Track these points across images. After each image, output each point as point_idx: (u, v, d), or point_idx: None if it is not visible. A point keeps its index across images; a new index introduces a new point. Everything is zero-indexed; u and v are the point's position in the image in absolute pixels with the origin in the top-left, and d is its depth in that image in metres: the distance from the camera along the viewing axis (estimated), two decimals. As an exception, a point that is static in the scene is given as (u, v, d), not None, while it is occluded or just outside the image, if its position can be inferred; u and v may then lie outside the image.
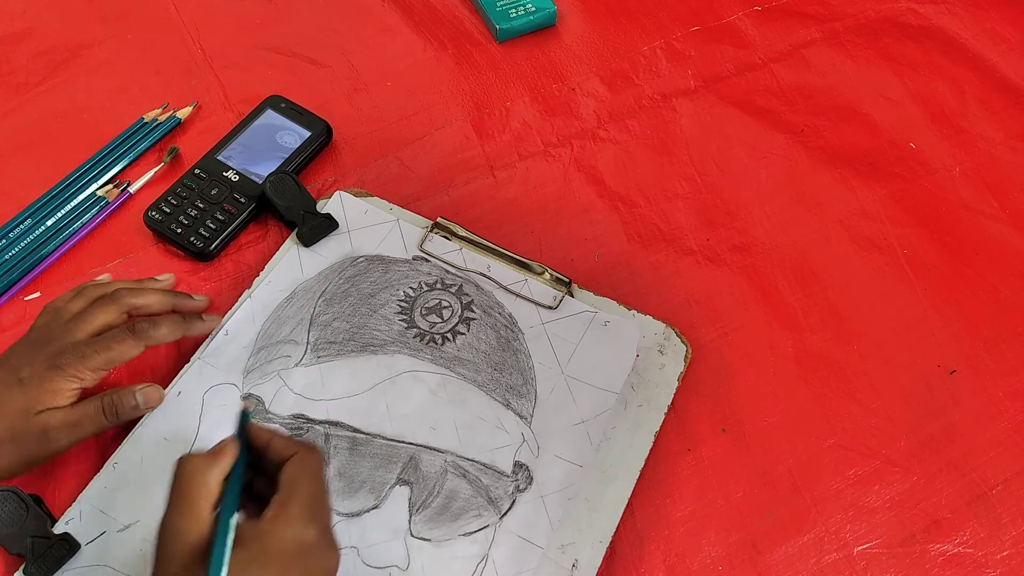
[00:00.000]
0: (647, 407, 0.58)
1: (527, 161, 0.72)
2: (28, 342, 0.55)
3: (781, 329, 0.63)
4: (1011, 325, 0.63)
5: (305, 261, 0.64)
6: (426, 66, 0.77)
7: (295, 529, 0.42)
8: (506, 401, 0.58)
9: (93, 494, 0.55)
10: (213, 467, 0.44)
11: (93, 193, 0.69)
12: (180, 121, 0.73)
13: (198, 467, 0.43)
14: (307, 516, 0.42)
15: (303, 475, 0.44)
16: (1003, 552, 0.55)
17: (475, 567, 0.53)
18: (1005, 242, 0.67)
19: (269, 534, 0.41)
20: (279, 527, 0.42)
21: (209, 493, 0.43)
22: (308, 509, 0.43)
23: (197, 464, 0.44)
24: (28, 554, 0.52)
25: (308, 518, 0.42)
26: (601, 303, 0.63)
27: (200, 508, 0.42)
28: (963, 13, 0.79)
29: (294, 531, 0.41)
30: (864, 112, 0.74)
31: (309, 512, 0.43)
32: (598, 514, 0.55)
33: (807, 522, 0.56)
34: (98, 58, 0.78)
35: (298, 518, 0.42)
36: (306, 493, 0.43)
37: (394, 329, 0.61)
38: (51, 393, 0.53)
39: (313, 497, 0.43)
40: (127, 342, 0.55)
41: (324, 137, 0.71)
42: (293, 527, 0.42)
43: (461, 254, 0.65)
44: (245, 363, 0.60)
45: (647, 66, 0.77)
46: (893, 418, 0.59)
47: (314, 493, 0.44)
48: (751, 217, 0.68)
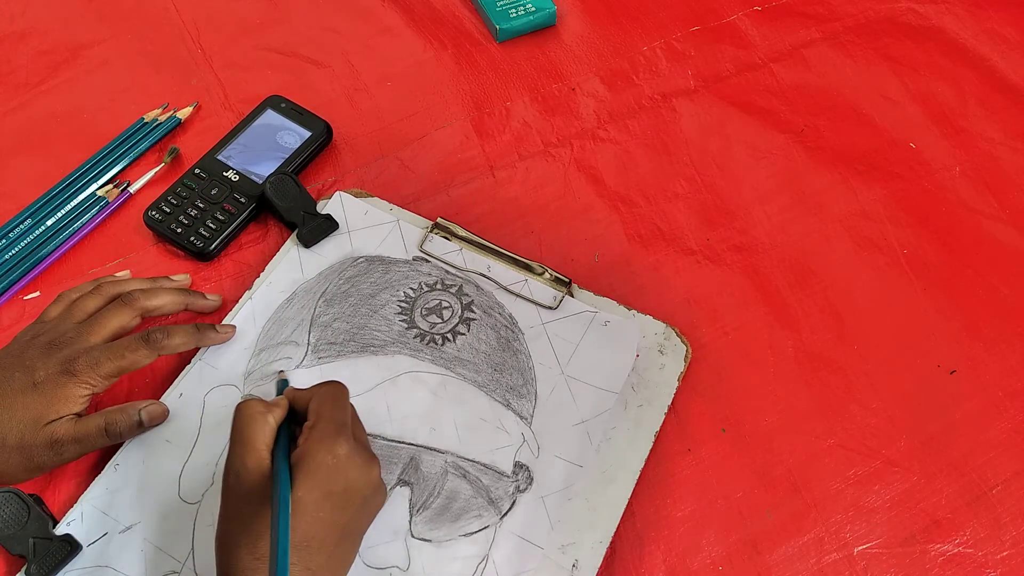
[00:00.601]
0: (647, 407, 0.58)
1: (527, 161, 0.72)
2: (42, 343, 0.55)
3: (781, 329, 0.63)
4: (1011, 325, 0.63)
5: (305, 262, 0.64)
6: (426, 66, 0.77)
7: (326, 444, 0.45)
8: (506, 401, 0.58)
9: (94, 495, 0.55)
10: (269, 413, 0.48)
11: (93, 193, 0.69)
12: (180, 121, 0.73)
13: (258, 410, 0.48)
14: (333, 434, 0.46)
15: (323, 403, 0.48)
16: (1003, 552, 0.55)
17: (475, 567, 0.53)
18: (1005, 242, 0.67)
19: (306, 454, 0.45)
20: (313, 447, 0.45)
21: (266, 434, 0.47)
22: (333, 428, 0.46)
23: (257, 408, 0.48)
24: (30, 555, 0.52)
25: (334, 435, 0.46)
26: (601, 303, 0.63)
27: (260, 448, 0.46)
28: (963, 13, 0.79)
29: (326, 446, 0.45)
30: (864, 112, 0.74)
31: (335, 431, 0.46)
32: (598, 514, 0.55)
33: (807, 522, 0.56)
34: (98, 58, 0.78)
35: (325, 437, 0.46)
36: (328, 416, 0.47)
37: (394, 330, 0.61)
38: (63, 399, 0.53)
39: (337, 418, 0.47)
40: (140, 351, 0.55)
41: (324, 137, 0.71)
42: (324, 443, 0.45)
43: (461, 254, 0.65)
44: (246, 364, 0.60)
45: (647, 66, 0.77)
46: (893, 418, 0.59)
47: (338, 415, 0.47)
48: (751, 217, 0.68)
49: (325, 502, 0.45)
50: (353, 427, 0.48)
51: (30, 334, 0.57)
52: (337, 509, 0.45)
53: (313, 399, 0.48)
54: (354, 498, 0.46)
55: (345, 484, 0.45)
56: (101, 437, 0.54)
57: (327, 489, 0.45)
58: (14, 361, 0.55)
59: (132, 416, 0.55)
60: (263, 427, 0.47)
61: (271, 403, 0.49)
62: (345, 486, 0.45)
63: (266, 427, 0.47)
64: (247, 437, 0.46)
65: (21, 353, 0.55)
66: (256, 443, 0.46)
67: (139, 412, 0.56)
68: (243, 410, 0.48)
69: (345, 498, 0.45)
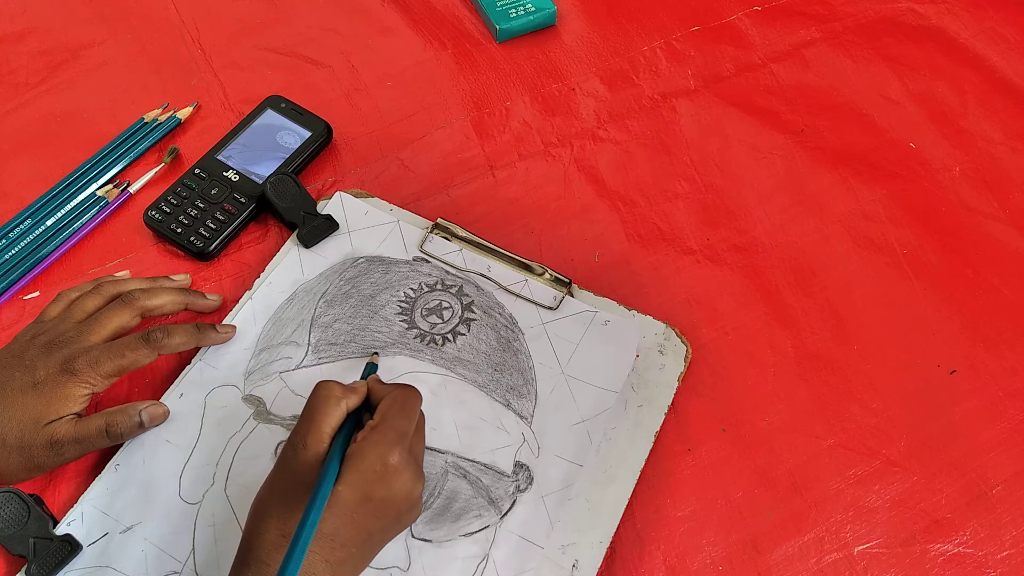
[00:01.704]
0: (647, 407, 0.59)
1: (527, 161, 0.72)
2: (42, 342, 0.55)
3: (781, 329, 0.63)
4: (1011, 325, 0.63)
5: (305, 262, 0.64)
6: (426, 66, 0.77)
7: (380, 450, 0.46)
8: (506, 401, 0.58)
9: (95, 495, 0.55)
10: (343, 399, 0.49)
11: (93, 193, 0.69)
12: (180, 121, 0.73)
13: (335, 394, 0.48)
14: (392, 441, 0.46)
15: (393, 407, 0.48)
16: (1003, 552, 0.55)
17: (476, 567, 0.53)
18: (1005, 242, 0.67)
19: (359, 453, 0.46)
20: (367, 447, 0.46)
21: (334, 418, 0.48)
22: (394, 435, 0.47)
23: (334, 391, 0.49)
24: (30, 555, 0.52)
25: (392, 442, 0.46)
26: (601, 303, 0.63)
27: (324, 427, 0.47)
28: (963, 13, 0.79)
29: (379, 452, 0.46)
30: (864, 112, 0.74)
31: (394, 438, 0.47)
32: (598, 514, 0.55)
33: (807, 522, 0.56)
34: (98, 58, 0.78)
35: (383, 442, 0.46)
36: (391, 422, 0.47)
37: (395, 330, 0.61)
38: (63, 399, 0.53)
39: (399, 427, 0.47)
40: (141, 351, 0.55)
41: (324, 137, 0.71)
42: (378, 448, 0.46)
43: (461, 255, 0.65)
44: (246, 364, 0.60)
45: (647, 66, 0.77)
46: (893, 418, 0.59)
47: (402, 424, 0.48)
48: (751, 217, 0.68)
49: (362, 505, 0.45)
50: (413, 439, 0.48)
51: (30, 334, 0.57)
52: (371, 515, 0.46)
53: (385, 399, 0.49)
54: (390, 510, 0.46)
55: (386, 494, 0.46)
56: (102, 438, 0.54)
57: (368, 493, 0.45)
58: (14, 361, 0.55)
59: (133, 417, 0.55)
60: (334, 411, 0.48)
61: (349, 388, 0.50)
62: (386, 496, 0.46)
63: (336, 412, 0.48)
64: (316, 417, 0.47)
65: (21, 353, 0.55)
66: (322, 425, 0.47)
67: (140, 413, 0.56)
68: (321, 390, 0.49)
69: (382, 507, 0.46)
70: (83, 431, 0.54)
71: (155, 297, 0.59)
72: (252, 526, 0.46)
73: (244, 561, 0.45)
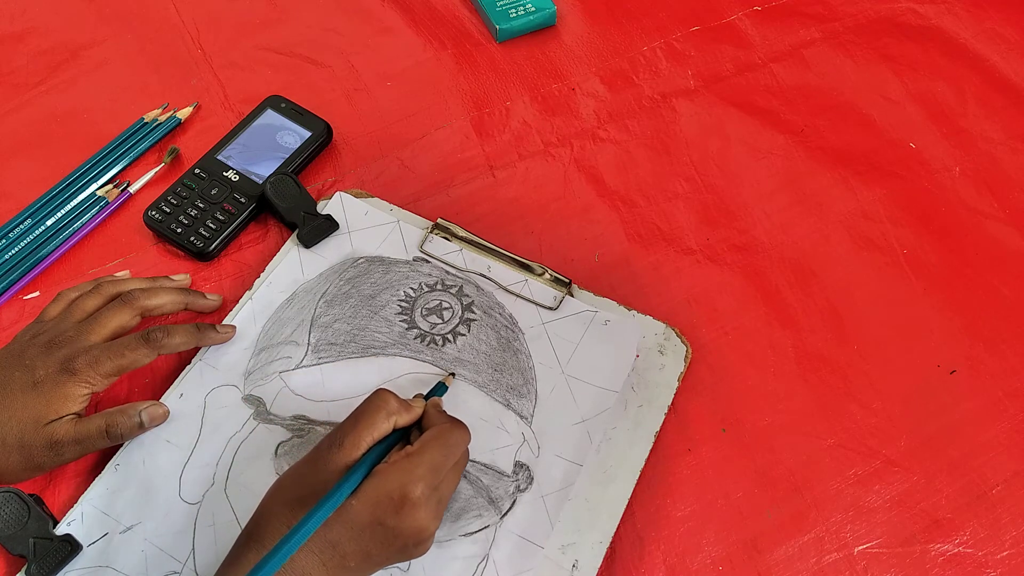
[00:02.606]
0: (647, 407, 0.59)
1: (527, 161, 0.72)
2: (42, 342, 0.55)
3: (781, 329, 0.63)
4: (1011, 325, 0.63)
5: (306, 262, 0.64)
6: (426, 66, 0.77)
7: (405, 479, 0.45)
8: (506, 401, 0.58)
9: (95, 495, 0.55)
10: (394, 415, 0.48)
11: (93, 193, 0.69)
12: (180, 121, 0.73)
13: (387, 406, 0.48)
14: (420, 474, 0.45)
15: (435, 440, 0.47)
16: (1003, 552, 0.55)
17: (475, 567, 0.53)
18: (1005, 242, 0.67)
19: (384, 474, 0.45)
20: (393, 472, 0.45)
21: (377, 431, 0.47)
22: (425, 469, 0.46)
23: (389, 403, 0.48)
24: (30, 555, 0.52)
25: (420, 476, 0.45)
26: (601, 303, 0.63)
27: (364, 436, 0.46)
28: (963, 13, 0.79)
29: (404, 480, 0.45)
30: (864, 112, 0.74)
31: (424, 472, 0.45)
32: (598, 514, 0.55)
33: (807, 522, 0.56)
34: (98, 58, 0.78)
35: (411, 472, 0.45)
36: (429, 455, 0.46)
37: (395, 331, 0.61)
38: (63, 398, 0.53)
39: (434, 461, 0.46)
40: (140, 350, 0.55)
41: (324, 137, 0.71)
42: (404, 477, 0.45)
43: (461, 255, 0.65)
44: (246, 364, 0.60)
45: (647, 66, 0.77)
46: (893, 418, 0.59)
47: (437, 459, 0.47)
48: (751, 217, 0.68)
49: (370, 528, 0.45)
50: (445, 477, 0.48)
51: (30, 333, 0.57)
52: (377, 540, 0.45)
53: (432, 428, 0.48)
54: (397, 541, 0.46)
55: (397, 524, 0.45)
56: (102, 438, 0.54)
57: (379, 518, 0.45)
58: (14, 360, 0.55)
59: (133, 417, 0.55)
60: (380, 423, 0.47)
61: (405, 404, 0.49)
62: (396, 526, 0.45)
63: (382, 425, 0.47)
64: (360, 423, 0.47)
65: (21, 352, 0.55)
66: (364, 433, 0.47)
67: (140, 413, 0.56)
68: (376, 399, 0.48)
69: (390, 536, 0.45)
70: (83, 431, 0.54)
71: (155, 297, 0.59)
72: (266, 505, 0.46)
73: (248, 537, 0.45)
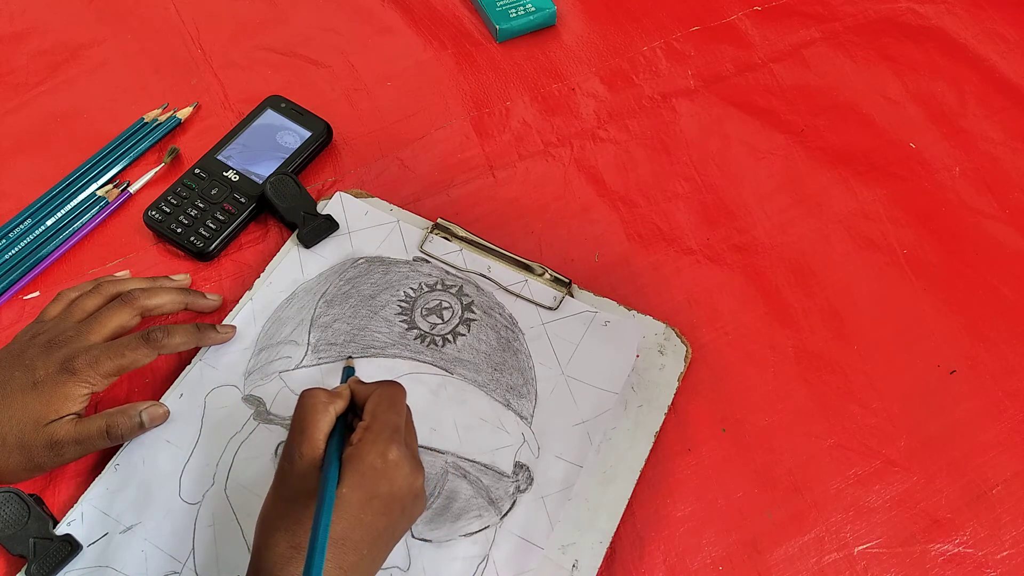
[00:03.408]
0: (647, 407, 0.59)
1: (527, 161, 0.72)
2: (42, 342, 0.55)
3: (781, 329, 0.63)
4: (1011, 325, 0.63)
5: (305, 262, 0.64)
6: (426, 66, 0.77)
7: (378, 448, 0.46)
8: (506, 401, 0.58)
9: (95, 495, 0.55)
10: (331, 404, 0.48)
11: (93, 193, 0.69)
12: (180, 121, 0.73)
13: (322, 400, 0.48)
14: (387, 438, 0.46)
15: (381, 405, 0.48)
16: (1003, 552, 0.55)
17: (476, 567, 0.53)
18: (1005, 242, 0.67)
19: (357, 454, 0.46)
20: (364, 448, 0.46)
21: (325, 424, 0.48)
22: (388, 432, 0.47)
23: (320, 397, 0.48)
24: (30, 555, 0.52)
25: (388, 440, 0.46)
26: (601, 303, 0.63)
27: (316, 435, 0.47)
28: (963, 13, 0.79)
29: (377, 449, 0.46)
30: (864, 112, 0.74)
31: (388, 435, 0.47)
32: (598, 514, 0.55)
33: (807, 522, 0.56)
34: (98, 58, 0.78)
35: (379, 440, 0.46)
36: (384, 420, 0.47)
37: (395, 331, 0.61)
38: (63, 398, 0.53)
39: (391, 422, 0.47)
40: (140, 350, 0.55)
41: (324, 137, 0.71)
42: (376, 447, 0.46)
43: (461, 255, 0.65)
44: (246, 364, 0.60)
45: (647, 66, 0.77)
46: (893, 418, 0.59)
47: (393, 419, 0.48)
48: (751, 217, 0.68)
49: (368, 504, 0.45)
50: (406, 433, 0.49)
51: (30, 333, 0.57)
52: (378, 513, 0.45)
53: (371, 398, 0.49)
54: (395, 505, 0.46)
55: (390, 489, 0.46)
56: (102, 439, 0.54)
57: (372, 492, 0.45)
58: (14, 360, 0.55)
59: (133, 418, 0.55)
60: (324, 417, 0.47)
61: (334, 393, 0.49)
62: (389, 491, 0.46)
63: (326, 417, 0.48)
64: (307, 426, 0.47)
65: (21, 352, 0.55)
66: (314, 433, 0.47)
67: (140, 413, 0.56)
68: (307, 398, 0.48)
69: (387, 503, 0.46)
70: (83, 432, 0.54)
71: (155, 297, 0.59)
72: (260, 542, 0.45)
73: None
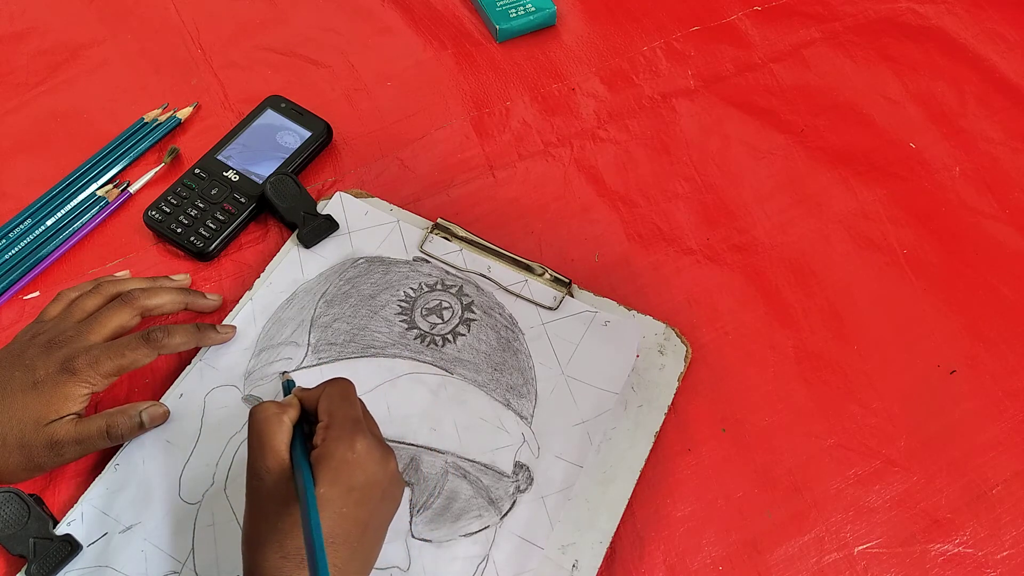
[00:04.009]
0: (647, 407, 0.59)
1: (527, 161, 0.72)
2: (42, 342, 0.55)
3: (781, 329, 0.63)
4: (1011, 325, 0.63)
5: (306, 262, 0.64)
6: (426, 66, 0.77)
7: (344, 443, 0.46)
8: (506, 401, 0.58)
9: (95, 495, 0.55)
10: (284, 413, 0.48)
11: (93, 193, 0.69)
12: (180, 121, 0.73)
13: (273, 412, 0.48)
14: (350, 431, 0.46)
15: (334, 402, 0.48)
16: (1003, 552, 0.55)
17: (476, 568, 0.53)
18: (1005, 242, 0.67)
19: (326, 453, 0.46)
20: (331, 446, 0.46)
21: (283, 434, 0.47)
22: (349, 425, 0.47)
23: (272, 409, 0.48)
24: (30, 555, 0.52)
25: (351, 432, 0.46)
26: (601, 303, 0.63)
27: (278, 447, 0.47)
28: (963, 13, 0.79)
29: (345, 444, 0.46)
30: (864, 112, 0.74)
31: (351, 428, 0.47)
32: (598, 514, 0.55)
33: (807, 522, 0.56)
34: (98, 58, 0.78)
35: (343, 435, 0.46)
36: (342, 414, 0.47)
37: (395, 331, 0.61)
38: (63, 398, 0.53)
39: (348, 416, 0.47)
40: (140, 350, 0.55)
41: (324, 137, 0.71)
42: (342, 442, 0.46)
43: (461, 255, 0.65)
44: (246, 365, 0.60)
45: (647, 66, 0.77)
46: (893, 418, 0.59)
47: (351, 412, 0.48)
48: (751, 217, 0.68)
49: (347, 497, 0.45)
50: (366, 422, 0.49)
51: (30, 333, 0.57)
52: (358, 504, 0.45)
53: (323, 399, 0.49)
54: (374, 492, 0.46)
55: (365, 478, 0.46)
56: (102, 439, 0.54)
57: (348, 485, 0.45)
58: (14, 360, 0.55)
59: (133, 418, 0.55)
60: (280, 428, 0.47)
61: (284, 403, 0.49)
62: (365, 480, 0.46)
63: (282, 427, 0.47)
64: (265, 439, 0.47)
65: (21, 352, 0.55)
66: (275, 444, 0.47)
67: (140, 413, 0.56)
68: (258, 412, 0.48)
69: (366, 492, 0.46)
70: (83, 432, 0.54)
71: (155, 297, 0.59)
72: (249, 562, 0.45)
73: None
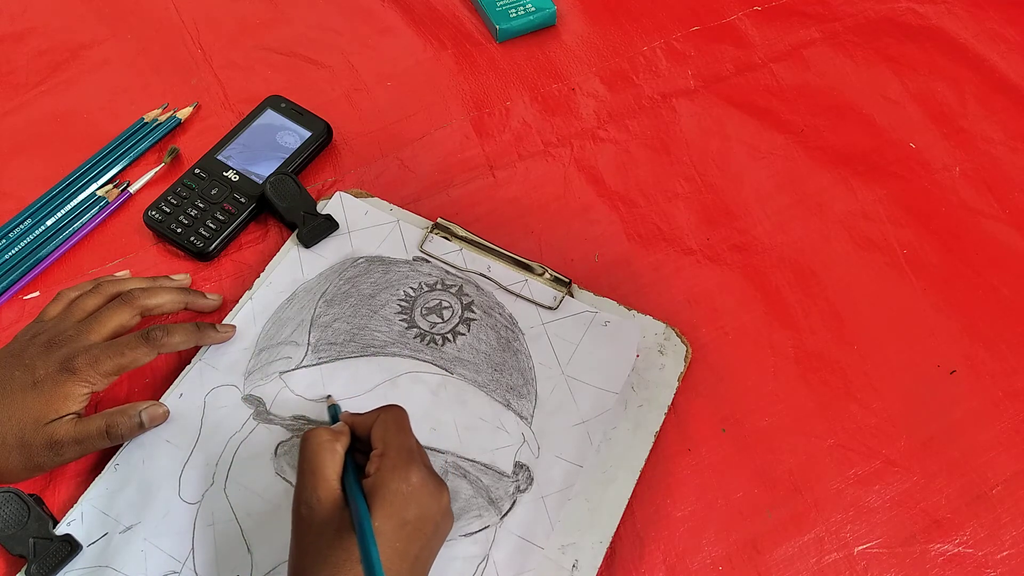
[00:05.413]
0: (647, 407, 0.58)
1: (527, 161, 0.72)
2: (42, 341, 0.55)
3: (781, 329, 0.63)
4: (1011, 325, 0.63)
5: (305, 262, 0.64)
6: (426, 66, 0.77)
7: (400, 474, 0.45)
8: (506, 401, 0.58)
9: (95, 495, 0.55)
10: (337, 441, 0.48)
11: (93, 193, 0.69)
12: (180, 121, 0.73)
13: (326, 439, 0.47)
14: (406, 462, 0.46)
15: (389, 430, 0.48)
16: (1003, 552, 0.55)
17: (476, 567, 0.53)
18: (1005, 242, 0.67)
19: (380, 483, 0.45)
20: (385, 476, 0.45)
21: (336, 464, 0.47)
22: (405, 456, 0.46)
23: (325, 436, 0.48)
24: (30, 555, 0.52)
25: (407, 464, 0.46)
26: (601, 303, 0.63)
27: (329, 476, 0.46)
28: (963, 13, 0.79)
29: (399, 476, 0.45)
30: (864, 112, 0.74)
31: (407, 459, 0.46)
32: (598, 514, 0.55)
33: (807, 522, 0.56)
34: (98, 58, 0.78)
35: (398, 466, 0.46)
36: (397, 444, 0.47)
37: (394, 330, 0.61)
38: (63, 398, 0.53)
39: (403, 446, 0.47)
40: (140, 349, 0.55)
41: (324, 137, 0.71)
42: (397, 473, 0.45)
43: (461, 255, 0.65)
44: (246, 364, 0.60)
45: (647, 66, 0.77)
46: (893, 418, 0.59)
47: (406, 442, 0.47)
48: (751, 217, 0.68)
49: (400, 531, 0.44)
50: (418, 451, 0.48)
51: (30, 333, 0.57)
52: (410, 539, 0.45)
53: (376, 426, 0.48)
54: (427, 526, 0.45)
55: (418, 512, 0.45)
56: (102, 438, 0.54)
57: (402, 518, 0.44)
58: (14, 360, 0.55)
59: (133, 418, 0.55)
60: (332, 456, 0.47)
61: (336, 430, 0.49)
62: (418, 514, 0.45)
63: (335, 457, 0.47)
64: (317, 467, 0.46)
65: (21, 352, 0.55)
66: (327, 473, 0.46)
67: (140, 413, 0.56)
68: (311, 439, 0.47)
69: (418, 527, 0.45)
70: (83, 432, 0.54)
71: (155, 296, 0.59)
72: None
73: None
